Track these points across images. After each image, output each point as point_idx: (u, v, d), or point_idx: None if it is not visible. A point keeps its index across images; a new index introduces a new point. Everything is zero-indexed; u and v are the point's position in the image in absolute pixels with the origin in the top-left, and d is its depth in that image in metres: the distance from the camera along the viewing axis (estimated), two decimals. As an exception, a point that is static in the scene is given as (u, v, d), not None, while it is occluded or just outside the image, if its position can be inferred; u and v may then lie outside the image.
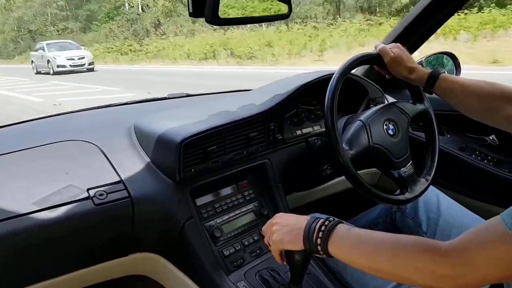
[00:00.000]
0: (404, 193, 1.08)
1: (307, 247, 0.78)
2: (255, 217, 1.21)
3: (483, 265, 0.60)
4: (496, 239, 0.59)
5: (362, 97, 1.46)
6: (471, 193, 1.50)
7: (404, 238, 0.70)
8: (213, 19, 0.90)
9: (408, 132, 1.13)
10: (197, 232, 1.08)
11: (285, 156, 1.30)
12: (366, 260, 0.73)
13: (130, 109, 1.57)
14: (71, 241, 1.01)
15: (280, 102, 1.26)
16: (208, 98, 1.74)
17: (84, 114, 1.48)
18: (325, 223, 0.77)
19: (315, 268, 1.08)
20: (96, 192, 1.02)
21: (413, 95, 1.19)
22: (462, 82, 1.06)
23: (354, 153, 1.04)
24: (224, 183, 1.21)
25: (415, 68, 1.10)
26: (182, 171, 1.07)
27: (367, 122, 1.09)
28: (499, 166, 1.43)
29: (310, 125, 1.41)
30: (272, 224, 0.86)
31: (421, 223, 1.18)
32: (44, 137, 1.17)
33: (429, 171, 1.15)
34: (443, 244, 0.64)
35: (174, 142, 1.05)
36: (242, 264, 1.09)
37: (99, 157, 1.12)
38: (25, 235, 0.93)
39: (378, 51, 1.12)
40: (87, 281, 1.12)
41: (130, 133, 1.22)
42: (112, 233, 1.07)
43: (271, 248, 0.87)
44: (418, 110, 1.17)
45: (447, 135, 1.56)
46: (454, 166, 1.51)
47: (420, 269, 0.65)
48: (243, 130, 1.18)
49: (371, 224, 1.30)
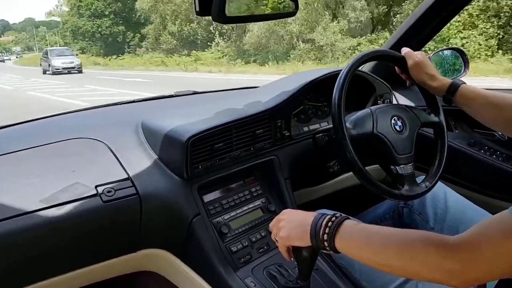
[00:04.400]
0: (400, 189, 1.06)
1: (314, 243, 0.78)
2: (263, 213, 1.21)
3: (491, 259, 0.60)
4: (505, 234, 0.59)
5: (369, 94, 1.45)
6: (480, 189, 1.49)
7: (411, 233, 0.70)
8: (219, 18, 0.90)
9: (415, 134, 1.11)
10: (205, 228, 1.09)
11: (292, 152, 1.31)
12: (373, 255, 0.73)
13: (137, 107, 1.58)
14: (79, 237, 1.02)
15: (286, 99, 1.26)
16: (215, 96, 1.75)
17: (92, 112, 1.49)
18: (332, 219, 0.77)
19: (323, 264, 1.08)
20: (104, 189, 1.03)
21: (429, 105, 1.17)
22: (483, 92, 1.05)
23: (355, 134, 1.04)
24: (232, 180, 1.22)
25: (437, 77, 1.09)
26: (189, 168, 1.08)
27: (375, 111, 1.09)
28: (508, 161, 1.42)
29: (317, 121, 1.41)
30: (279, 220, 0.87)
31: (428, 218, 1.18)
32: (53, 135, 1.18)
33: (432, 177, 1.12)
34: (451, 239, 0.64)
35: (182, 140, 1.06)
36: (250, 260, 1.10)
37: (107, 154, 1.13)
38: (34, 232, 0.94)
39: (403, 54, 1.13)
40: (96, 277, 1.13)
41: (138, 130, 1.23)
42: (120, 230, 1.08)
43: (278, 244, 0.87)
44: (432, 121, 1.16)
45: (456, 131, 1.55)
46: (462, 161, 1.50)
47: (428, 263, 0.65)
48: (250, 127, 1.18)
49: (378, 220, 1.30)
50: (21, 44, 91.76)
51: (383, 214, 1.30)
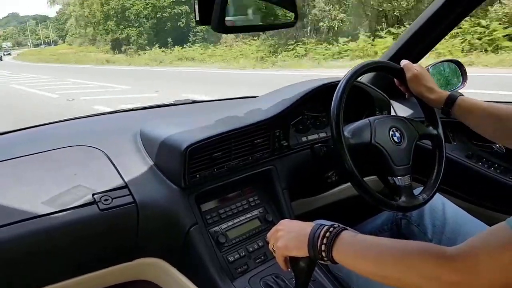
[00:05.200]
0: (397, 200, 1.06)
1: (311, 254, 0.78)
2: (260, 223, 1.21)
3: (489, 271, 0.59)
4: (503, 245, 0.59)
5: (368, 105, 1.46)
6: (478, 201, 1.49)
7: (409, 244, 0.70)
8: (219, 27, 0.91)
9: (413, 146, 1.12)
10: (202, 238, 1.08)
11: (291, 162, 1.31)
12: (371, 266, 0.72)
13: (136, 115, 1.58)
14: (76, 245, 1.02)
15: (285, 109, 1.26)
16: (214, 105, 1.75)
17: (91, 120, 1.49)
18: (330, 230, 0.77)
19: (320, 274, 1.08)
20: (101, 197, 1.03)
21: (427, 117, 1.18)
22: (480, 104, 1.06)
23: (353, 143, 1.04)
24: (229, 189, 1.22)
25: (435, 89, 1.10)
26: (187, 177, 1.07)
27: (374, 122, 1.10)
28: (506, 173, 1.42)
29: (315, 132, 1.41)
30: (277, 230, 0.86)
31: (426, 230, 1.18)
32: (50, 142, 1.18)
33: (430, 189, 1.12)
34: (449, 250, 0.64)
35: (180, 148, 1.06)
36: (247, 270, 1.09)
37: (104, 162, 1.13)
38: (30, 239, 0.93)
39: (402, 66, 1.14)
40: (92, 286, 1.12)
41: (136, 139, 1.23)
42: (116, 238, 1.08)
43: (276, 254, 0.87)
44: (430, 133, 1.16)
45: (454, 143, 1.55)
46: (460, 173, 1.50)
47: (425, 275, 0.65)
48: (248, 137, 1.18)
49: (376, 231, 1.29)
50: (10, 40, 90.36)
51: (381, 225, 1.30)
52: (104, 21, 28.86)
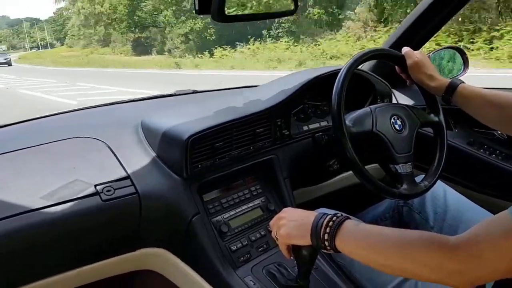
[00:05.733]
0: (399, 188, 1.06)
1: (314, 242, 0.78)
2: (262, 212, 1.21)
3: (491, 259, 0.60)
4: (505, 233, 0.59)
5: (369, 93, 1.45)
6: (479, 188, 1.49)
7: (412, 233, 0.70)
8: (219, 17, 0.90)
9: (414, 133, 1.12)
10: (204, 227, 1.09)
11: (292, 151, 1.31)
12: (374, 255, 0.73)
13: (137, 106, 1.58)
14: (79, 236, 1.02)
15: (286, 98, 1.26)
16: (215, 95, 1.75)
17: (92, 111, 1.49)
18: (333, 219, 0.77)
19: (323, 263, 1.08)
20: (103, 188, 1.03)
21: (429, 105, 1.18)
22: (481, 91, 1.05)
23: (355, 132, 1.04)
24: (231, 179, 1.22)
25: (435, 77, 1.10)
26: (189, 167, 1.08)
27: (375, 110, 1.09)
28: (507, 160, 1.42)
29: (316, 120, 1.41)
30: (280, 218, 0.87)
31: (428, 217, 1.18)
32: (52, 134, 1.18)
33: (431, 176, 1.12)
34: (451, 239, 0.64)
35: (181, 139, 1.06)
36: (249, 259, 1.10)
37: (106, 153, 1.13)
38: (33, 231, 0.94)
39: (403, 53, 1.13)
40: (95, 276, 1.13)
41: (137, 129, 1.22)
42: (119, 229, 1.08)
43: (279, 242, 0.87)
44: (432, 120, 1.16)
45: (455, 130, 1.55)
46: (462, 160, 1.50)
47: (428, 264, 0.65)
48: (249, 126, 1.18)
49: (378, 219, 1.30)
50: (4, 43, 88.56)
51: (382, 213, 1.30)
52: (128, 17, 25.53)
